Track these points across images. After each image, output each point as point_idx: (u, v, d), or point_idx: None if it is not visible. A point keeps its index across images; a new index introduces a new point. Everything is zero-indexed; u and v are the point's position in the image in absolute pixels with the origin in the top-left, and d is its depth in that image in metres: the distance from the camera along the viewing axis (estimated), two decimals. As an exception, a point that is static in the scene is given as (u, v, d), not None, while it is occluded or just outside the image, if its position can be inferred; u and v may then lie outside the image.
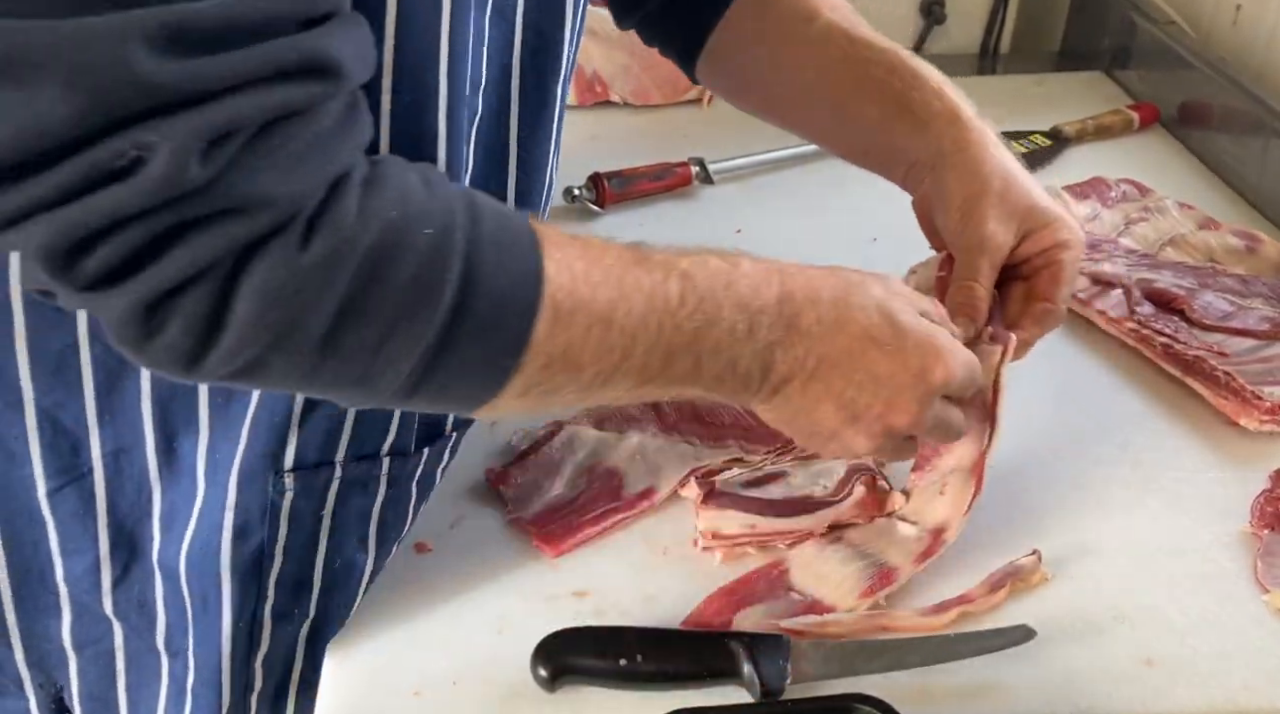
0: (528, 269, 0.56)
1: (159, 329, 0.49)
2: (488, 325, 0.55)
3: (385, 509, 0.75)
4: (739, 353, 0.63)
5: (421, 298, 0.52)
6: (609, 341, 0.58)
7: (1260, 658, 0.73)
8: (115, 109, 0.45)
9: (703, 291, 0.62)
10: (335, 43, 0.50)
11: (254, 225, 0.48)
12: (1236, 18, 1.34)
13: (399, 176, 0.54)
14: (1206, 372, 0.92)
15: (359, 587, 0.76)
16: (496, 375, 0.57)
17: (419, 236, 0.52)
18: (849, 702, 0.68)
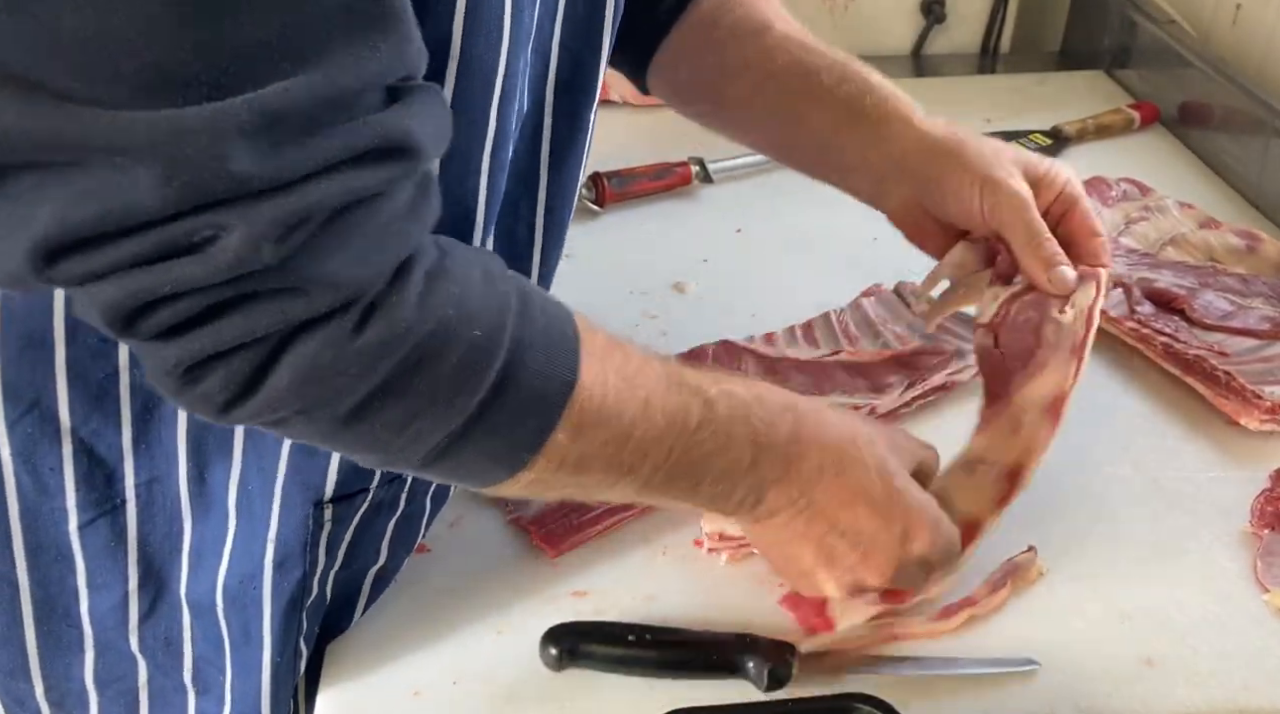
0: (565, 376, 0.57)
1: (199, 380, 0.50)
2: (515, 421, 0.56)
3: (400, 524, 0.75)
4: (738, 482, 0.66)
5: (456, 391, 0.54)
6: (621, 457, 0.61)
7: (1260, 658, 0.73)
8: (202, 195, 0.45)
9: (720, 422, 0.64)
10: (414, 121, 0.50)
11: (312, 306, 0.49)
12: (1236, 17, 1.34)
13: (462, 271, 0.55)
14: (1207, 371, 0.92)
15: (362, 598, 0.76)
16: (509, 466, 0.58)
17: (469, 334, 0.54)
18: (849, 701, 0.68)
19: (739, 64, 0.84)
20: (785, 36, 0.84)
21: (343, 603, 0.75)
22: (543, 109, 0.71)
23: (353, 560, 0.73)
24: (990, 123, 1.35)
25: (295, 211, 0.47)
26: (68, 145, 0.45)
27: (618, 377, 0.60)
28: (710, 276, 1.10)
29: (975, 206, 0.77)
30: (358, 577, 0.75)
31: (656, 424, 0.61)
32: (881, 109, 0.80)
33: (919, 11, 1.54)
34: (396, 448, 0.55)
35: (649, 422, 0.61)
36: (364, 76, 0.48)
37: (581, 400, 0.58)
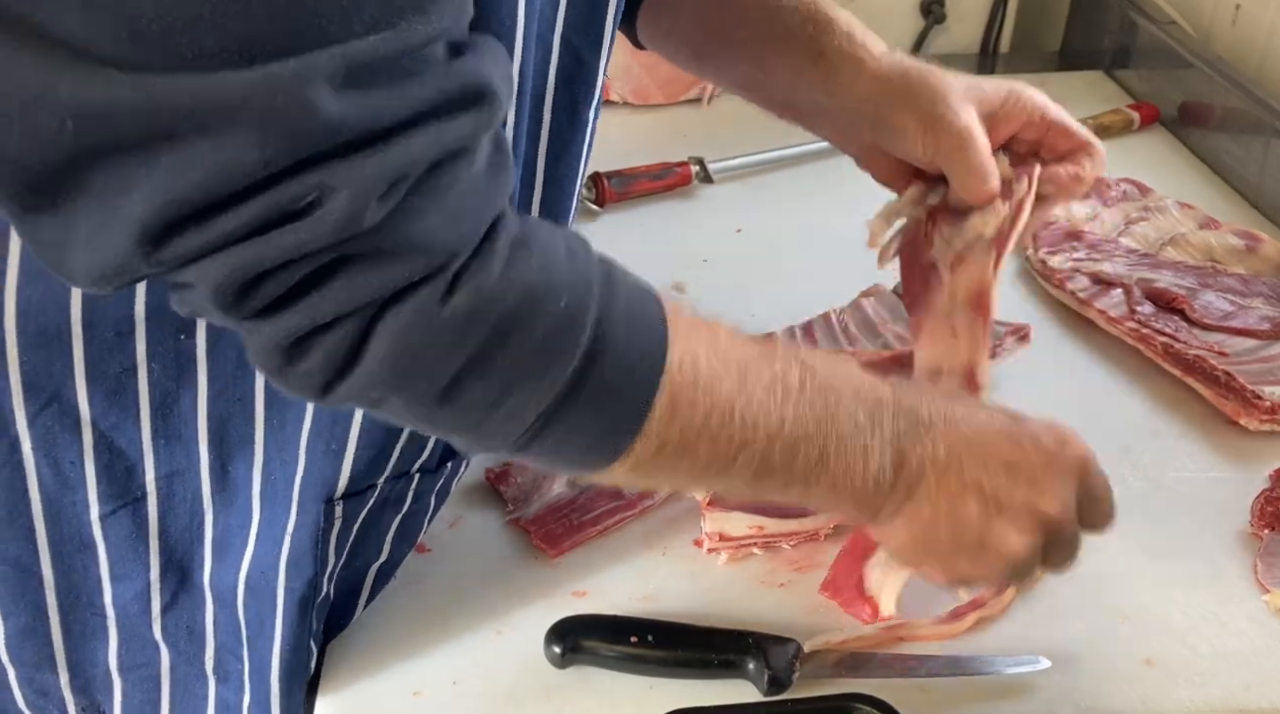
0: (653, 351, 0.56)
1: (299, 358, 0.50)
2: (607, 399, 0.55)
3: (405, 521, 0.75)
4: (868, 444, 0.61)
5: (546, 364, 0.53)
6: (728, 431, 0.58)
7: (1260, 658, 0.73)
8: (303, 150, 0.45)
9: (822, 381, 0.61)
10: (486, 65, 0.50)
11: (410, 269, 0.49)
12: (1236, 17, 1.34)
13: (546, 242, 0.54)
14: (1207, 371, 0.92)
15: (364, 594, 0.76)
16: (609, 449, 0.57)
17: (555, 306, 0.53)
18: (849, 702, 0.68)
19: (714, 12, 0.84)
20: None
21: (345, 599, 0.75)
22: (542, 104, 0.71)
23: (356, 557, 0.74)
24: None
25: (395, 167, 0.47)
26: (155, 119, 0.44)
27: (708, 350, 0.58)
28: (710, 276, 1.10)
29: (919, 145, 0.76)
30: (360, 573, 0.75)
31: (756, 394, 0.58)
32: (840, 51, 0.78)
33: (918, 11, 1.54)
34: (492, 428, 0.55)
35: (747, 393, 0.58)
36: (433, 28, 0.47)
37: (674, 375, 0.56)
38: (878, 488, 0.62)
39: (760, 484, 0.60)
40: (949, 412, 0.64)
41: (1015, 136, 0.78)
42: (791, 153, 1.27)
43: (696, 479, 0.61)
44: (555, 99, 0.71)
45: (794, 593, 0.78)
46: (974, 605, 0.75)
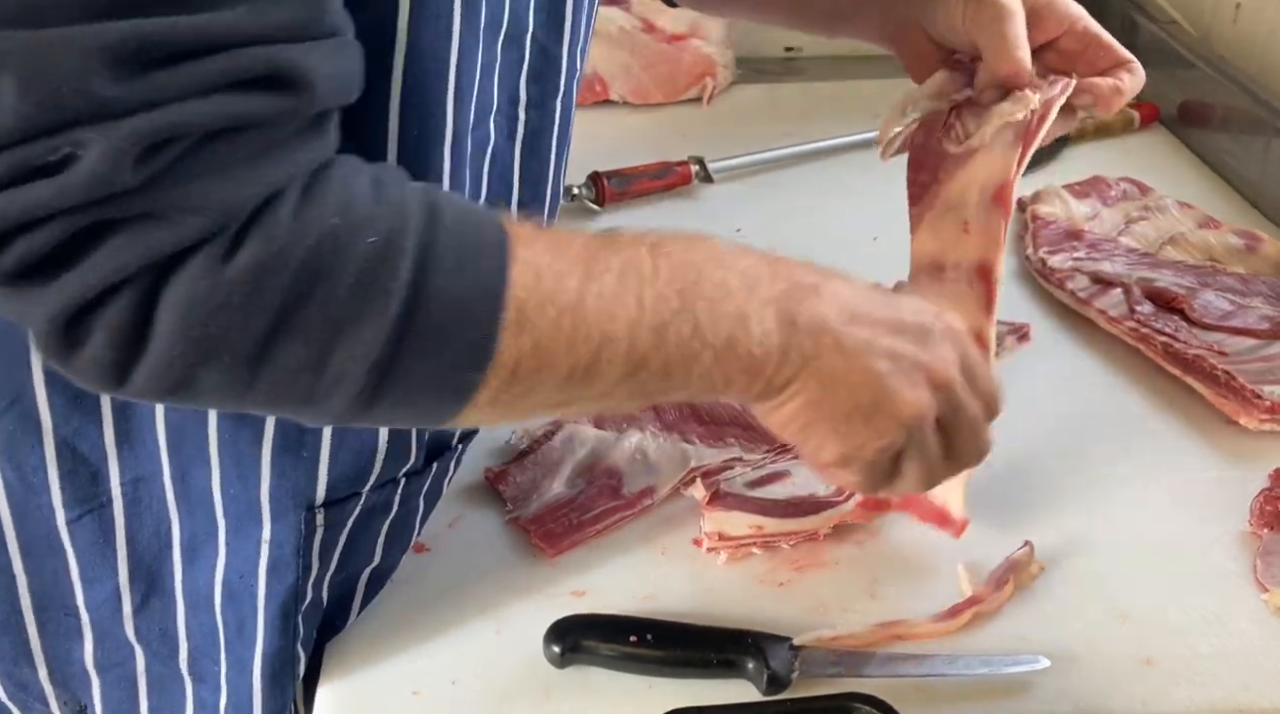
0: (490, 271, 0.52)
1: (82, 341, 0.48)
2: (444, 336, 0.52)
3: (394, 525, 0.75)
4: (744, 308, 0.57)
5: (363, 310, 0.49)
6: (584, 330, 0.54)
7: (1260, 658, 0.73)
8: (62, 113, 0.44)
9: (679, 257, 0.57)
10: (312, 59, 0.48)
11: (179, 233, 0.46)
12: (1236, 16, 1.34)
13: (344, 180, 0.51)
14: (1206, 371, 0.92)
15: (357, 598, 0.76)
16: (462, 387, 0.53)
17: (361, 245, 0.49)
18: (849, 701, 0.68)
19: None
20: None
21: (338, 604, 0.75)
22: (517, 104, 0.71)
23: (347, 563, 0.73)
24: None
25: (159, 128, 0.45)
26: None
27: (549, 253, 0.54)
28: (710, 276, 1.09)
29: (959, 15, 0.74)
30: (352, 578, 0.75)
31: (608, 282, 0.55)
32: None
33: (919, 11, 1.54)
34: (322, 393, 0.51)
35: (598, 282, 0.54)
36: (260, 26, 0.46)
37: (515, 291, 0.52)
38: (765, 353, 0.58)
39: (637, 381, 0.56)
40: (828, 275, 0.61)
41: (1055, 46, 0.76)
42: (791, 153, 1.27)
43: (565, 394, 0.55)
44: (527, 98, 0.70)
45: (794, 592, 0.78)
46: (971, 602, 0.75)
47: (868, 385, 0.60)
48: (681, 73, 1.40)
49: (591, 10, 0.73)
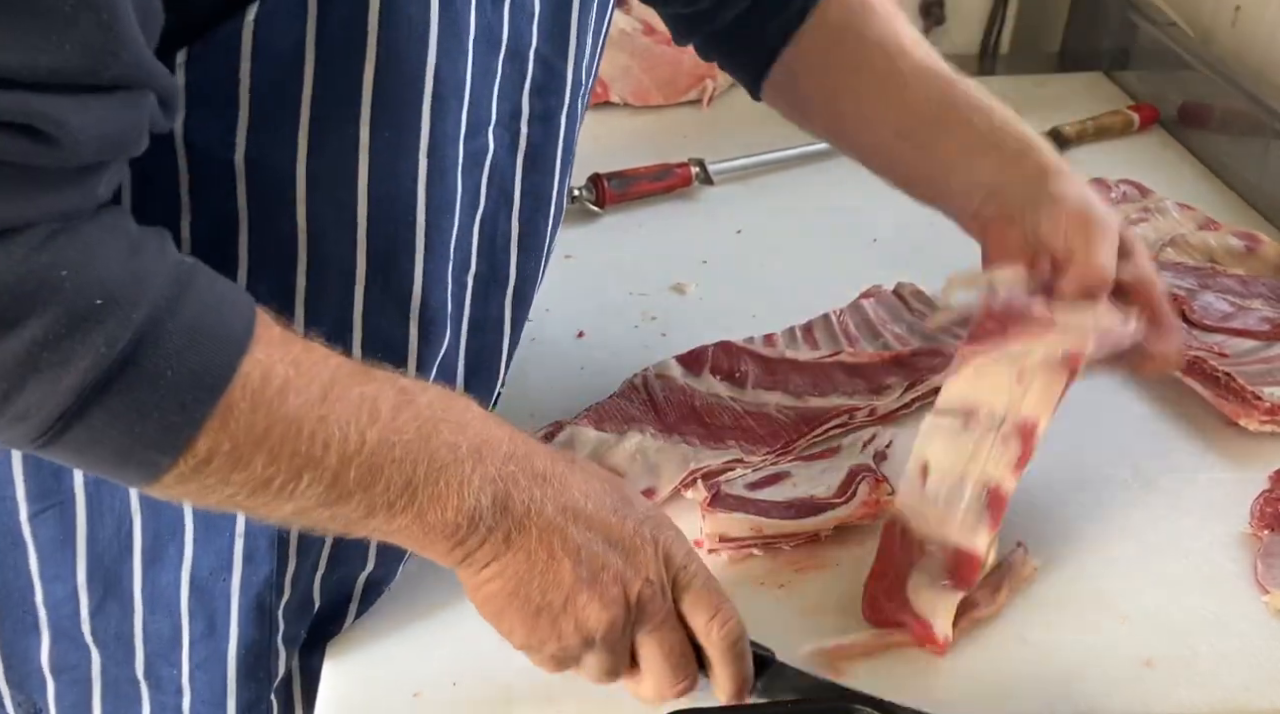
0: (216, 363, 0.52)
1: None
2: (144, 409, 0.51)
3: None
4: (466, 477, 0.58)
5: (63, 362, 0.49)
6: (291, 447, 0.54)
7: (1260, 658, 0.73)
8: None
9: (422, 408, 0.58)
10: (76, 114, 0.47)
11: None
12: (1236, 18, 1.34)
13: (91, 238, 0.51)
14: (1207, 372, 0.92)
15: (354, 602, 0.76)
16: (145, 463, 0.53)
17: (81, 302, 0.49)
18: (849, 702, 0.68)
19: (870, 92, 0.85)
20: (913, 63, 0.84)
21: (334, 608, 0.75)
22: (519, 118, 0.71)
23: (337, 565, 0.73)
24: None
25: None
26: None
27: (290, 366, 0.54)
28: (710, 277, 1.10)
29: (1062, 221, 0.79)
30: (347, 582, 0.75)
31: (338, 412, 0.55)
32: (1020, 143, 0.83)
33: (918, 13, 1.55)
34: (6, 421, 0.50)
35: (328, 409, 0.54)
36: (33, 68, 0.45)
37: (234, 389, 0.52)
38: (472, 526, 0.59)
39: (339, 510, 0.57)
40: (565, 474, 0.62)
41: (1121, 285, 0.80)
42: (791, 153, 1.27)
43: (256, 500, 0.55)
44: (530, 112, 0.71)
45: (794, 594, 0.78)
46: (967, 608, 0.74)
47: (560, 586, 0.61)
48: (682, 74, 1.40)
49: (600, 26, 0.73)
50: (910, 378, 0.93)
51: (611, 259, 1.12)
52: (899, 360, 0.95)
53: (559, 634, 0.63)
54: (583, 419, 0.89)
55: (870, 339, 0.99)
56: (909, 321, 1.01)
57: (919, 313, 1.01)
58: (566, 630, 0.62)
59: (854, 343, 0.99)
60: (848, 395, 0.92)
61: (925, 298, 1.03)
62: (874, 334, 1.00)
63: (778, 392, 0.92)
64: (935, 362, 0.94)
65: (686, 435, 0.88)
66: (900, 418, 0.92)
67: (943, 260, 0.95)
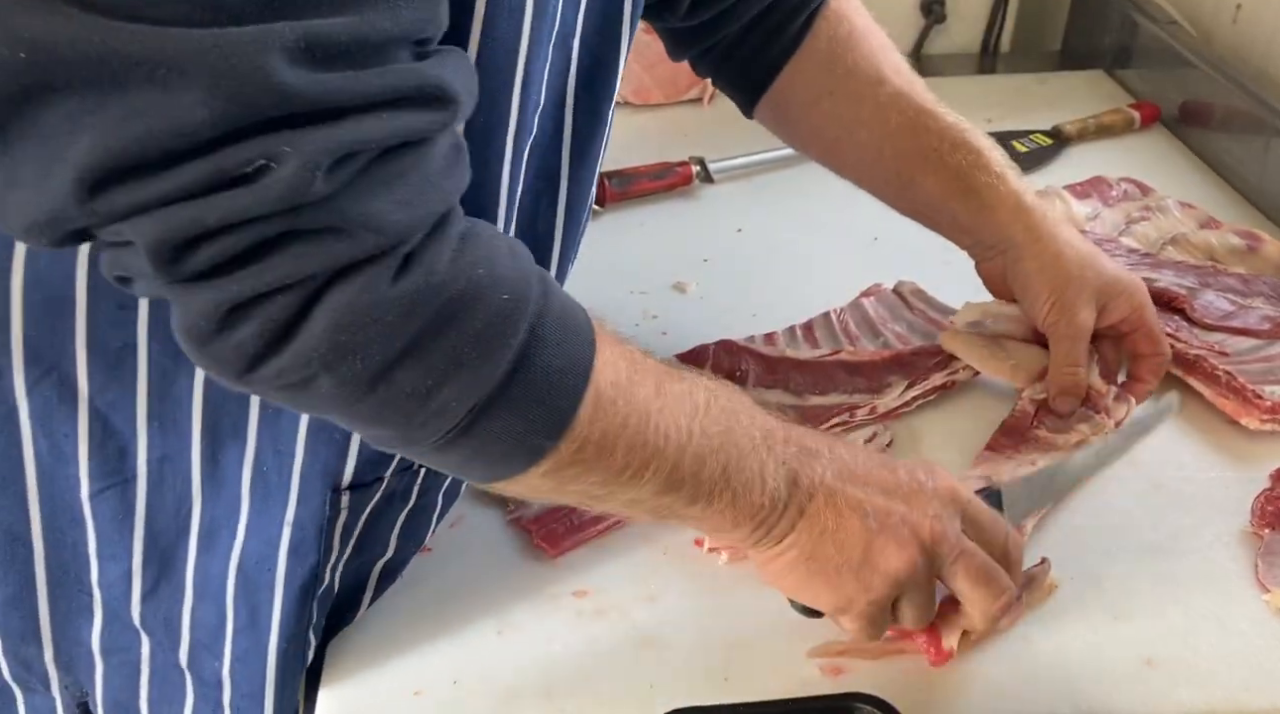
0: (582, 354, 0.57)
1: (233, 327, 0.50)
2: (536, 397, 0.56)
3: (411, 517, 0.75)
4: (764, 462, 0.63)
5: (481, 356, 0.53)
6: (643, 437, 0.59)
7: (1260, 658, 0.73)
8: (252, 115, 0.45)
9: (724, 402, 0.63)
10: (448, 72, 0.50)
11: (357, 248, 0.49)
12: (1237, 16, 1.34)
13: (490, 238, 0.55)
14: (1207, 371, 0.92)
15: (369, 590, 0.76)
16: (532, 450, 0.57)
17: (496, 298, 0.54)
18: (849, 701, 0.68)
19: (852, 119, 0.88)
20: (898, 93, 0.87)
21: (349, 595, 0.75)
22: (564, 106, 0.72)
23: (361, 550, 0.74)
24: (991, 123, 1.35)
25: (346, 142, 0.47)
26: (109, 63, 0.44)
27: (626, 361, 0.60)
28: (710, 276, 1.10)
29: (1040, 317, 0.88)
30: (365, 568, 0.75)
31: (669, 404, 0.61)
32: (994, 192, 0.86)
33: (919, 11, 1.55)
34: (420, 421, 0.54)
35: (661, 400, 0.60)
36: (399, 26, 0.48)
37: (599, 378, 0.58)
38: (773, 505, 0.64)
39: (667, 497, 0.62)
40: (831, 444, 0.67)
41: (1114, 325, 0.89)
42: (792, 153, 1.27)
43: (608, 487, 0.60)
44: (576, 102, 0.72)
45: (794, 593, 0.78)
46: None
47: (856, 542, 0.65)
48: (682, 73, 1.39)
49: (634, 20, 0.74)
50: (911, 376, 0.93)
51: (612, 257, 1.12)
52: (899, 359, 0.95)
53: (866, 586, 0.66)
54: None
55: (871, 337, 0.99)
56: (909, 320, 1.01)
57: (919, 311, 1.02)
58: (872, 581, 0.66)
59: (854, 341, 0.99)
60: (848, 394, 0.92)
61: (925, 296, 1.03)
62: (874, 332, 1.00)
63: (778, 390, 0.93)
64: (935, 360, 0.94)
65: (687, 434, 0.88)
66: (901, 416, 0.92)
67: (943, 259, 0.95)
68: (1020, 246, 0.86)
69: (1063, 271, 0.86)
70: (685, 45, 0.91)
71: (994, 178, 0.86)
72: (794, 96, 0.89)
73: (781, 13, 0.87)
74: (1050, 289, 0.86)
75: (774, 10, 0.87)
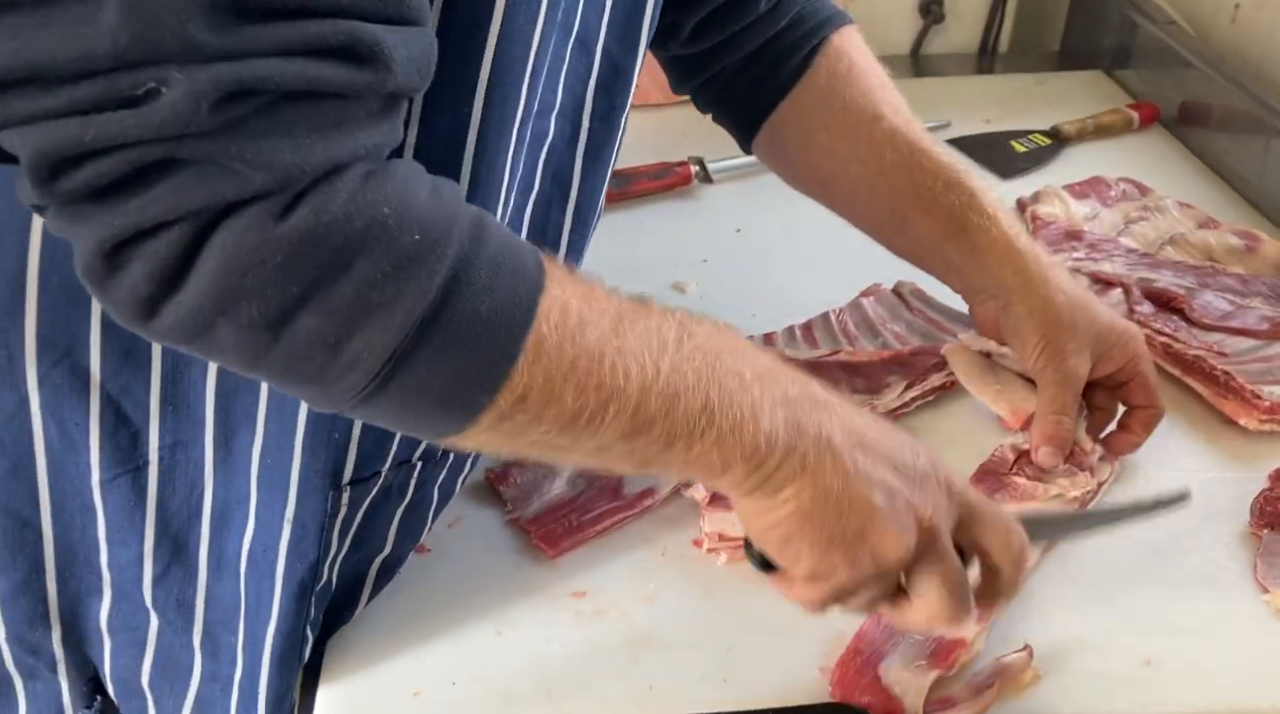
0: (520, 298, 0.53)
1: (123, 266, 0.49)
2: (462, 347, 0.52)
3: (408, 512, 0.75)
4: (757, 401, 0.58)
5: (392, 300, 0.50)
6: (596, 378, 0.55)
7: (1260, 658, 0.73)
8: (155, 49, 0.45)
9: (702, 339, 0.58)
10: (392, 41, 0.49)
11: (242, 184, 0.48)
12: (1235, 16, 1.34)
13: (405, 178, 0.52)
14: (1206, 371, 0.92)
15: (367, 587, 0.76)
16: (466, 405, 0.54)
17: (405, 238, 0.50)
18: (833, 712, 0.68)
19: (847, 155, 0.87)
20: (894, 131, 0.86)
21: (348, 592, 0.75)
22: (582, 110, 0.72)
23: (359, 546, 0.74)
24: (990, 123, 1.35)
25: (241, 79, 0.46)
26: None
27: (582, 300, 0.56)
28: (710, 276, 1.10)
29: (1030, 362, 0.85)
30: (363, 565, 0.75)
31: (631, 343, 0.56)
32: (986, 234, 0.85)
33: (917, 11, 1.54)
34: (334, 374, 0.51)
35: (622, 340, 0.55)
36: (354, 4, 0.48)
37: (540, 321, 0.53)
38: (769, 448, 0.58)
39: (637, 444, 0.57)
40: (841, 401, 0.62)
41: (1110, 375, 0.86)
42: (791, 152, 1.27)
43: (566, 436, 0.56)
44: (593, 107, 0.72)
45: (794, 593, 0.78)
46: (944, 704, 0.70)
47: (859, 514, 0.60)
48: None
49: (652, 30, 0.74)
50: (910, 376, 0.93)
51: (611, 257, 1.12)
52: (898, 359, 0.95)
53: (852, 562, 0.61)
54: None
55: (870, 338, 0.99)
56: (908, 320, 1.01)
57: (918, 312, 1.02)
58: (861, 559, 0.61)
59: (853, 342, 0.99)
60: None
61: (925, 297, 1.03)
62: (873, 333, 1.00)
63: (777, 391, 0.92)
64: (934, 360, 0.94)
65: (686, 435, 0.88)
66: (900, 416, 0.92)
67: (942, 259, 0.95)
68: (1011, 290, 0.84)
69: (1053, 317, 0.84)
70: (687, 76, 0.92)
71: (987, 219, 0.84)
72: (791, 130, 0.89)
73: (783, 46, 0.87)
74: (1040, 335, 0.84)
75: (776, 43, 0.87)
